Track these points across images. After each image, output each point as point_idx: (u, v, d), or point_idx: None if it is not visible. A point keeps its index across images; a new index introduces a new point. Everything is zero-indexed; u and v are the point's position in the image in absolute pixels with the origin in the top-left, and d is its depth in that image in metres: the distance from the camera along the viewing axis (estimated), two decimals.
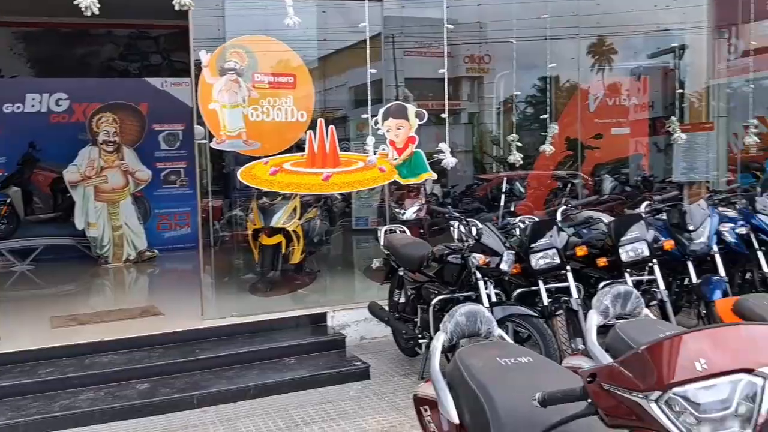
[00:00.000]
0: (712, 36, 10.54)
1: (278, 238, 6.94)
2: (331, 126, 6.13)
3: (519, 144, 4.40)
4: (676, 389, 1.47)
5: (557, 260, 4.79)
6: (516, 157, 4.37)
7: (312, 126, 6.08)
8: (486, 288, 4.63)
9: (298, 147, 6.28)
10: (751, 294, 3.77)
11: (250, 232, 7.14)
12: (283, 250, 7.01)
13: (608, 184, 9.67)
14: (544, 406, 1.66)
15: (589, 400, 1.60)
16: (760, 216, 5.44)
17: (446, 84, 4.33)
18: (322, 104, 9.09)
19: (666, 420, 1.47)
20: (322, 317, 6.04)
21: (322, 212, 7.98)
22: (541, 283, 4.88)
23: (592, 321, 2.72)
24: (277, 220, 6.90)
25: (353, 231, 9.30)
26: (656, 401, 1.48)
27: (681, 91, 9.18)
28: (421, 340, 5.13)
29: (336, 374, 5.22)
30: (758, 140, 5.67)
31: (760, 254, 5.42)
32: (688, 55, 11.01)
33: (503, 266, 4.62)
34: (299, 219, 7.08)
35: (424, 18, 7.93)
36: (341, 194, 8.12)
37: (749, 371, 1.47)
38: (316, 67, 8.47)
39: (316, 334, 5.90)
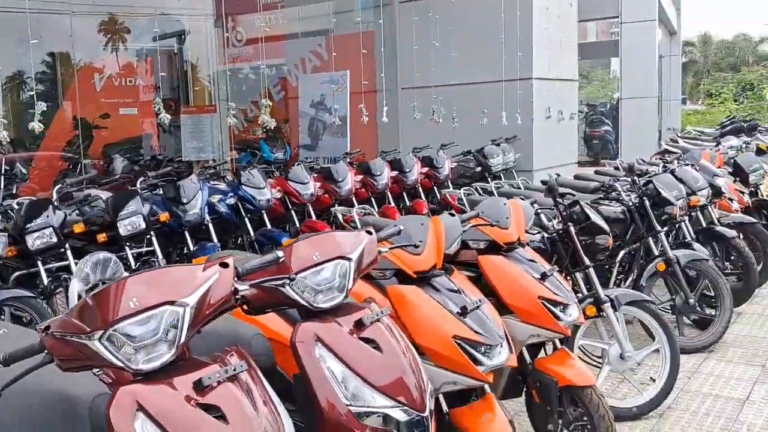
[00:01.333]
0: (215, 25, 11.50)
1: None
2: None
3: (5, 121, 4.18)
4: (117, 326, 1.75)
5: (54, 239, 4.77)
6: (2, 135, 4.17)
7: None
8: None
9: None
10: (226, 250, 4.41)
11: None
12: None
13: (119, 163, 9.80)
14: (7, 365, 1.76)
15: (46, 351, 1.77)
16: (245, 188, 6.30)
17: None
18: None
19: (108, 354, 1.74)
20: None
21: None
22: (40, 263, 4.80)
23: (74, 288, 2.91)
24: None
25: None
26: (99, 339, 1.74)
27: (178, 74, 9.78)
28: None
29: None
30: (236, 121, 6.50)
31: (246, 221, 6.31)
32: (193, 40, 11.77)
33: None
34: None
35: None
36: None
37: (173, 303, 1.85)
38: None
39: None
